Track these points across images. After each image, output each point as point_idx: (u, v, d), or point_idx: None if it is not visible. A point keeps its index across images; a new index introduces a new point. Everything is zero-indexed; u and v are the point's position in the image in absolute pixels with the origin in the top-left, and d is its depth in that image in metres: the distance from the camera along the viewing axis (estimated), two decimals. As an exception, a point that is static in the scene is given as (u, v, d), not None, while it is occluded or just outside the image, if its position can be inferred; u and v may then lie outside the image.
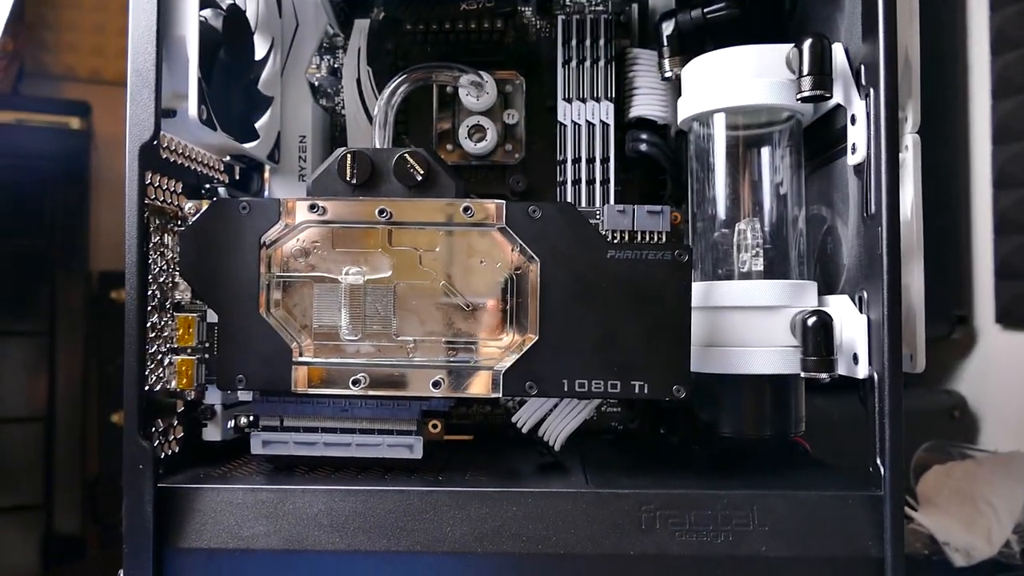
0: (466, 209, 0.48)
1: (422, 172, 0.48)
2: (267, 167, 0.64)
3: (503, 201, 0.48)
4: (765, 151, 0.56)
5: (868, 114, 0.48)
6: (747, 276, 0.54)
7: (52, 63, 1.59)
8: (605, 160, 0.63)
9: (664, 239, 0.48)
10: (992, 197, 0.98)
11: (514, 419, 0.54)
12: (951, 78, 1.03)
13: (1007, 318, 0.97)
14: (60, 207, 1.34)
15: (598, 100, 0.63)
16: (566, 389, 0.47)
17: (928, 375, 1.08)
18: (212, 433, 0.55)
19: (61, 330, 1.31)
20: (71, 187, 1.36)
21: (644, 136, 0.62)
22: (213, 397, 0.54)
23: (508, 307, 0.48)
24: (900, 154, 0.51)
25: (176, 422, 0.52)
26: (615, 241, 0.48)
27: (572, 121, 0.63)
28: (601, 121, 0.63)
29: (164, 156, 0.50)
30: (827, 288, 0.55)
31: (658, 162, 0.63)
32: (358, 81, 0.66)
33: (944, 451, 0.89)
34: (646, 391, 0.47)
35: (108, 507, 1.35)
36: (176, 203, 0.52)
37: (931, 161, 0.54)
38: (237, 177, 0.62)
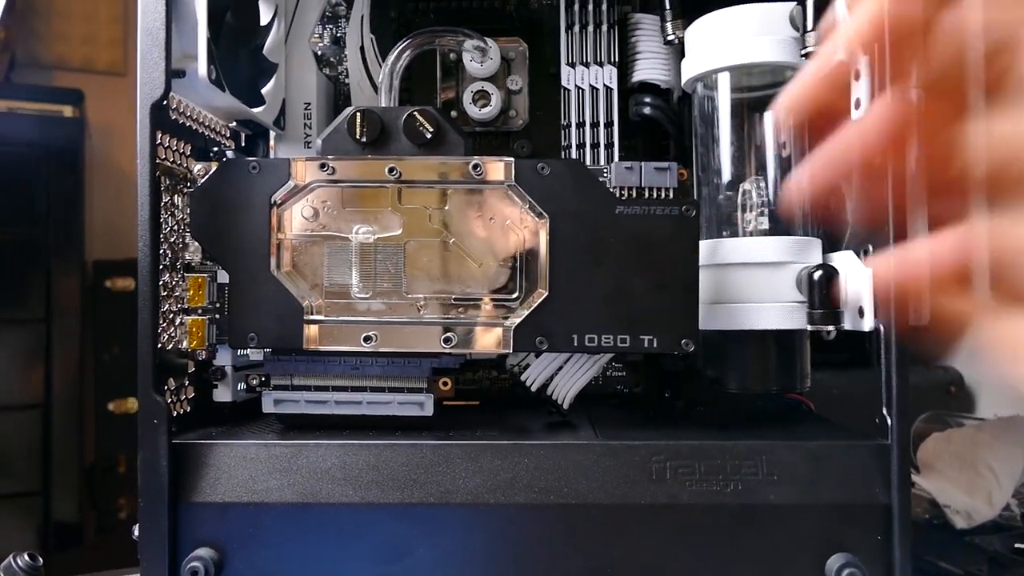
0: (475, 167, 0.48)
1: (431, 130, 0.49)
2: (272, 134, 0.64)
3: (512, 159, 0.48)
4: (769, 112, 0.56)
5: (873, 67, 0.48)
6: (752, 236, 0.54)
7: (44, 52, 1.58)
8: (609, 124, 0.63)
9: (671, 195, 0.49)
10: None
11: (523, 377, 0.55)
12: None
13: (1003, 293, 0.98)
14: (54, 195, 1.34)
15: (601, 65, 0.64)
16: (576, 344, 0.48)
17: (924, 352, 1.08)
18: (223, 394, 0.55)
19: (57, 319, 1.32)
20: (65, 175, 1.36)
21: (647, 99, 0.63)
22: (224, 358, 0.55)
23: (517, 264, 0.49)
24: (904, 109, 0.51)
25: (187, 382, 0.52)
26: (623, 197, 0.49)
27: (576, 85, 0.64)
28: (604, 85, 0.63)
29: (174, 118, 0.51)
30: (831, 248, 0.56)
31: (661, 125, 0.64)
32: (361, 49, 0.66)
33: (942, 421, 0.90)
34: (655, 345, 0.47)
35: (105, 494, 1.35)
36: (185, 165, 0.52)
37: None
38: (243, 144, 0.63)
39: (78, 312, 1.38)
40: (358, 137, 0.49)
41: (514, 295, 0.49)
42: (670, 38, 0.61)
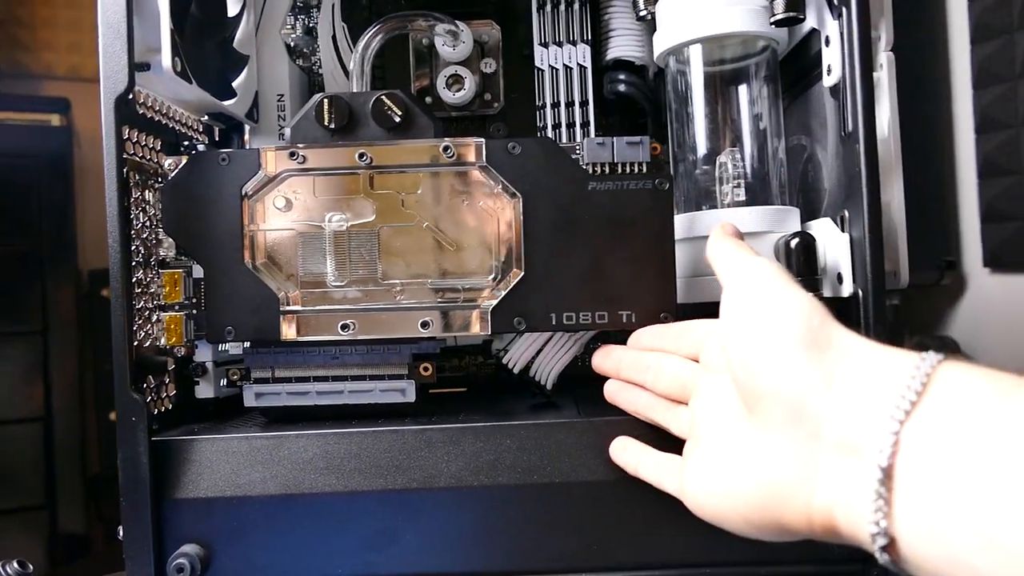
0: (446, 148, 0.48)
1: (400, 113, 0.48)
2: (247, 128, 0.64)
3: (483, 139, 0.48)
4: (742, 84, 0.56)
5: (842, 34, 0.48)
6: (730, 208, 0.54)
7: (29, 62, 1.58)
8: (584, 103, 0.63)
9: (644, 169, 0.49)
10: (975, 142, 0.98)
11: (504, 360, 0.54)
12: (929, 25, 1.03)
13: (995, 261, 0.98)
14: (46, 205, 1.33)
15: (574, 43, 0.63)
16: (554, 323, 0.48)
17: (920, 322, 1.08)
18: (205, 390, 0.55)
19: (54, 330, 1.31)
20: (55, 185, 1.35)
21: (622, 76, 0.62)
22: (204, 354, 0.54)
23: (493, 244, 0.48)
24: (875, 73, 0.51)
25: (168, 380, 0.52)
26: (596, 173, 0.48)
27: (549, 65, 0.63)
28: (578, 64, 0.63)
29: (141, 112, 0.50)
30: (810, 217, 0.55)
31: (637, 103, 0.63)
32: (334, 38, 0.65)
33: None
34: (634, 319, 0.47)
35: (111, 504, 1.35)
36: (156, 160, 0.51)
37: (913, 109, 0.54)
38: (217, 139, 0.62)
39: (75, 322, 1.37)
40: (326, 123, 0.48)
41: (490, 276, 0.48)
42: (642, 14, 0.61)
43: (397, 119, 0.49)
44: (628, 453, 0.46)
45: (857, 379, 0.33)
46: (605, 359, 0.49)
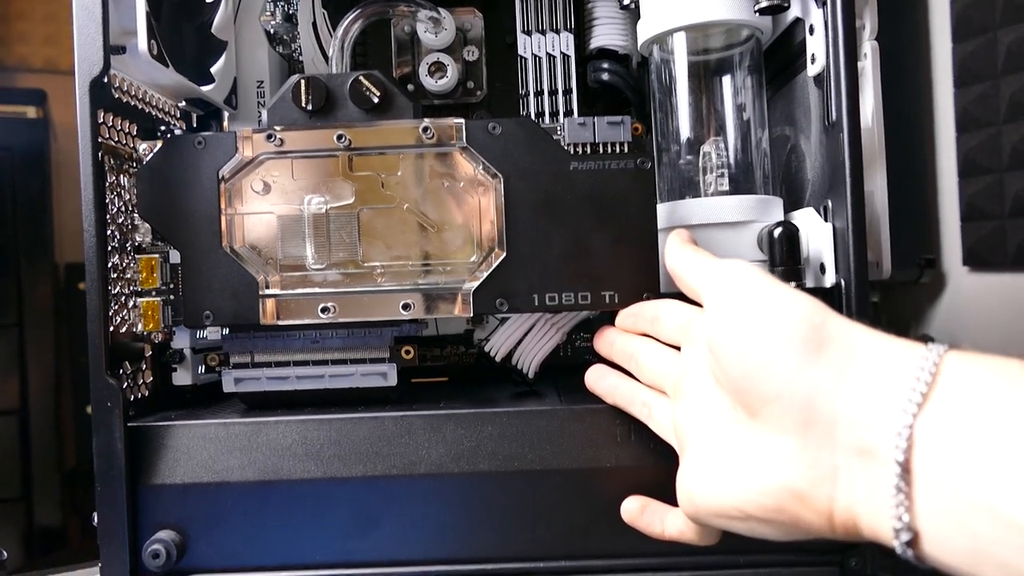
0: (425, 129, 0.47)
1: (378, 94, 0.48)
2: (225, 114, 0.63)
3: (462, 120, 0.47)
4: (726, 74, 0.56)
5: (826, 22, 0.48)
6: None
7: (4, 54, 1.56)
8: (567, 92, 0.63)
9: (626, 150, 0.48)
10: (955, 140, 0.99)
11: (487, 348, 0.54)
12: (911, 22, 1.03)
13: (974, 260, 0.98)
14: (21, 198, 1.32)
15: (557, 32, 0.63)
16: (536, 304, 0.47)
17: (900, 321, 1.08)
18: (182, 377, 0.54)
19: (30, 323, 1.30)
20: (31, 178, 1.34)
21: (605, 65, 0.62)
22: (182, 340, 0.54)
23: (474, 226, 0.48)
24: (859, 62, 0.51)
25: (145, 366, 0.51)
26: (577, 153, 0.48)
27: (532, 54, 0.63)
28: (562, 52, 0.63)
29: (116, 96, 0.49)
30: (793, 207, 0.55)
31: (621, 92, 0.63)
32: (314, 24, 0.65)
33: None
34: (616, 300, 0.47)
35: (87, 498, 1.34)
36: (132, 145, 0.51)
37: (894, 105, 0.54)
38: (195, 125, 0.61)
39: (51, 316, 1.36)
40: (303, 105, 0.48)
41: (472, 258, 0.48)
42: (626, 2, 0.61)
43: (375, 100, 0.48)
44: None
45: (867, 375, 0.32)
46: (603, 342, 0.50)
